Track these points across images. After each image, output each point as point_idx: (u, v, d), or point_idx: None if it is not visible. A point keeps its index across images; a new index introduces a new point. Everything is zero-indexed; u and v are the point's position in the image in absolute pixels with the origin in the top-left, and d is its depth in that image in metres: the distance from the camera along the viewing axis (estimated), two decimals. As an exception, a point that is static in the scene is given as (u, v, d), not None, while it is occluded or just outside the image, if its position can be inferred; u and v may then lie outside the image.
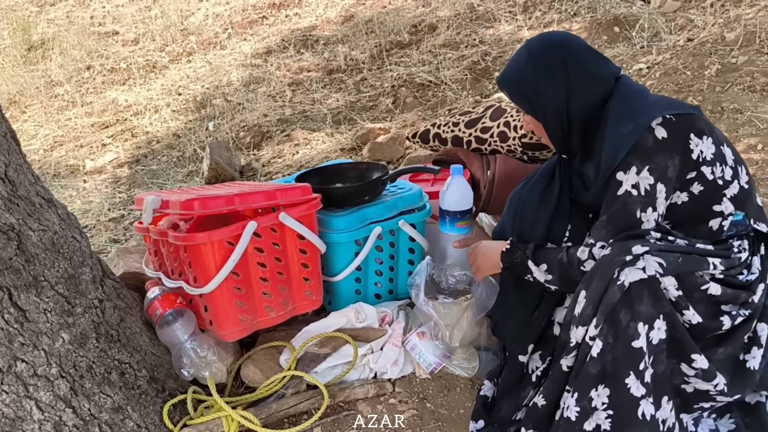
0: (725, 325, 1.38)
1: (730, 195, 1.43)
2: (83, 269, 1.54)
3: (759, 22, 3.50)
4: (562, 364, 1.41)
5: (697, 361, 1.34)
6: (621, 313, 1.30)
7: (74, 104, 5.22)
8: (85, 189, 3.89)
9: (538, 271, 1.50)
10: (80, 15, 6.95)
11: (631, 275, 1.30)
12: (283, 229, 1.67)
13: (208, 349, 1.68)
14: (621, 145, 1.37)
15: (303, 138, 3.82)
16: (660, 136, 1.35)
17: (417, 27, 4.86)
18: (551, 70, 1.45)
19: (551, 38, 1.52)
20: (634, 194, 1.36)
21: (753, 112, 2.79)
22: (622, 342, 1.30)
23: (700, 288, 1.36)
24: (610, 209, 1.41)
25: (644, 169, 1.35)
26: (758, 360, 1.42)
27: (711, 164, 1.39)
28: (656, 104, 1.41)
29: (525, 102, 1.52)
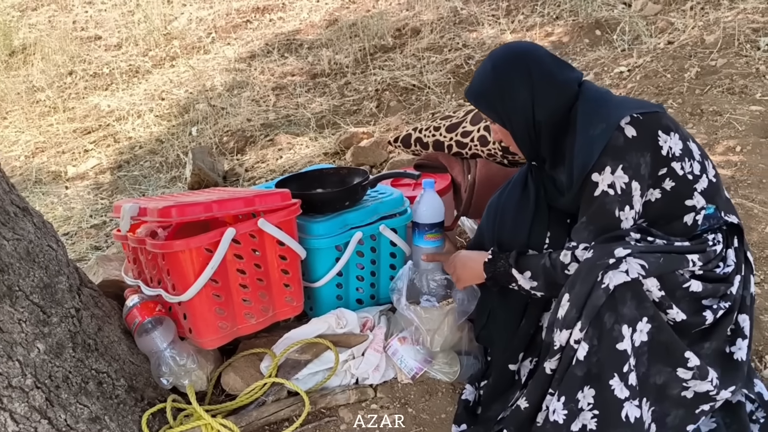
0: (708, 320, 1.40)
1: (700, 189, 1.46)
2: (59, 278, 1.52)
3: (738, 25, 3.54)
4: (545, 367, 1.42)
5: (691, 360, 1.35)
6: (605, 316, 1.31)
7: (56, 110, 5.17)
8: (66, 195, 3.85)
9: (522, 279, 1.51)
10: (62, 20, 6.89)
11: (615, 278, 1.31)
12: (263, 235, 1.67)
13: (187, 357, 1.66)
14: (593, 147, 1.38)
15: (287, 142, 3.81)
16: (630, 134, 1.37)
17: (401, 31, 4.87)
18: (515, 78, 1.47)
19: (513, 48, 1.53)
20: (611, 194, 1.37)
21: (732, 114, 2.82)
22: (606, 344, 1.31)
23: (682, 286, 1.38)
24: (588, 210, 1.41)
25: (618, 168, 1.36)
26: (744, 351, 1.44)
27: (680, 160, 1.42)
28: (622, 104, 1.43)
29: (492, 112, 1.54)
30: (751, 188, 2.36)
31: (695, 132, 2.75)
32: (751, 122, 2.75)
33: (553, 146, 1.50)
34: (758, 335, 1.78)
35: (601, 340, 1.31)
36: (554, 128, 1.48)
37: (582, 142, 1.41)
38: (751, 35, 3.46)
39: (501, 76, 1.49)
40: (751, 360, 1.71)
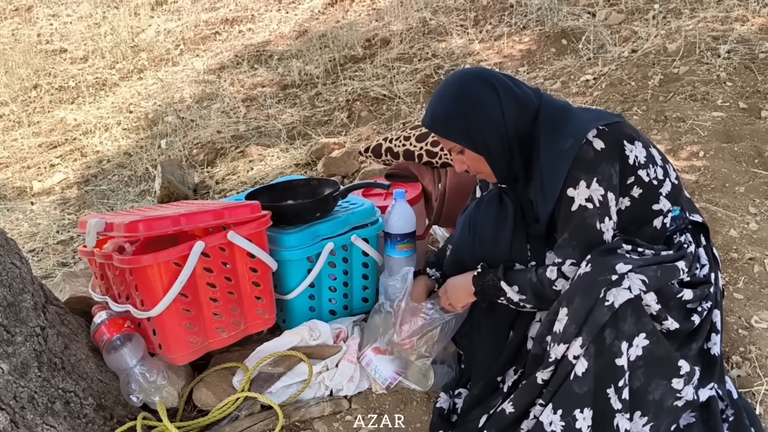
0: (696, 323, 1.45)
1: (665, 193, 1.50)
2: (24, 296, 1.48)
3: (698, 33, 3.63)
4: (537, 377, 1.43)
5: (683, 368, 1.39)
6: (606, 332, 1.32)
7: (20, 124, 5.08)
8: (32, 211, 3.78)
9: (511, 292, 1.51)
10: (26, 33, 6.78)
11: (620, 296, 1.31)
12: (233, 247, 1.65)
13: (157, 373, 1.64)
14: (562, 161, 1.40)
15: (257, 154, 3.79)
16: (599, 147, 1.40)
17: (370, 41, 4.89)
18: (485, 98, 1.46)
19: (471, 71, 1.52)
20: (590, 207, 1.39)
21: (695, 121, 2.88)
22: (605, 359, 1.33)
23: (675, 296, 1.41)
24: (569, 227, 1.42)
25: (593, 182, 1.38)
26: (718, 345, 1.49)
27: (645, 167, 1.46)
28: (584, 116, 1.46)
29: (464, 139, 1.49)
30: (715, 192, 2.41)
31: (660, 138, 2.80)
32: (713, 128, 2.82)
33: (523, 162, 1.51)
34: (724, 336, 1.81)
35: (600, 354, 1.33)
36: (521, 144, 1.49)
37: (551, 157, 1.42)
38: (711, 43, 3.55)
39: (471, 99, 1.46)
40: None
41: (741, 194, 2.39)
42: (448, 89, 1.50)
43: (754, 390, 1.66)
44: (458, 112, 1.47)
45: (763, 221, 2.25)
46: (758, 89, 3.11)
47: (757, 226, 2.22)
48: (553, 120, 1.46)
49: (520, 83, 1.52)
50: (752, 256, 2.07)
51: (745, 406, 1.56)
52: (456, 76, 1.52)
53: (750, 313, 1.87)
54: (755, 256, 2.08)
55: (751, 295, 1.94)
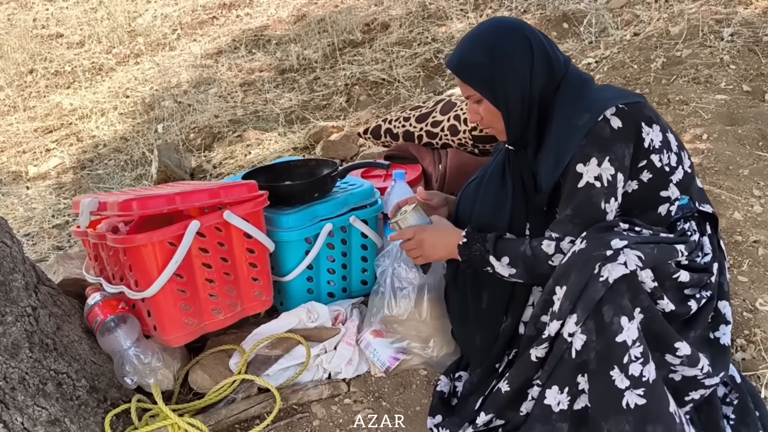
0: (693, 309, 1.41)
1: (675, 180, 1.45)
2: (14, 276, 1.45)
3: (701, 16, 3.58)
4: (531, 353, 1.40)
5: (680, 349, 1.35)
6: (604, 309, 1.28)
7: (16, 109, 5.02)
8: (28, 196, 3.73)
9: (499, 266, 1.45)
10: (22, 17, 6.71)
11: (615, 271, 1.28)
12: (229, 228, 1.62)
13: (152, 355, 1.61)
14: (575, 134, 1.36)
15: (255, 138, 3.74)
16: (615, 125, 1.35)
17: (370, 26, 4.83)
18: (518, 52, 1.41)
19: (510, 21, 1.47)
20: (598, 186, 1.35)
21: (698, 103, 2.84)
22: (605, 337, 1.28)
23: (671, 276, 1.38)
24: (573, 202, 1.38)
25: (605, 160, 1.34)
26: (728, 336, 1.46)
27: (659, 152, 1.41)
28: (605, 93, 1.41)
29: (488, 87, 1.44)
30: (718, 175, 2.38)
31: (663, 121, 2.77)
32: (717, 110, 2.78)
33: (537, 128, 1.46)
34: (729, 319, 1.79)
35: (600, 333, 1.29)
36: (540, 108, 1.44)
37: (564, 128, 1.39)
38: (714, 26, 3.50)
39: (504, 51, 1.41)
40: (723, 343, 1.72)
41: (745, 177, 2.36)
42: (482, 35, 1.44)
43: (759, 373, 1.63)
44: (487, 62, 1.42)
45: (767, 204, 2.22)
46: (762, 72, 3.07)
47: (761, 209, 2.19)
48: (574, 92, 1.41)
49: (554, 46, 1.46)
50: (756, 239, 2.04)
51: (749, 389, 1.53)
52: (493, 24, 1.46)
53: (755, 296, 1.85)
54: (760, 238, 2.05)
55: (756, 278, 1.91)
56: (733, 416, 1.48)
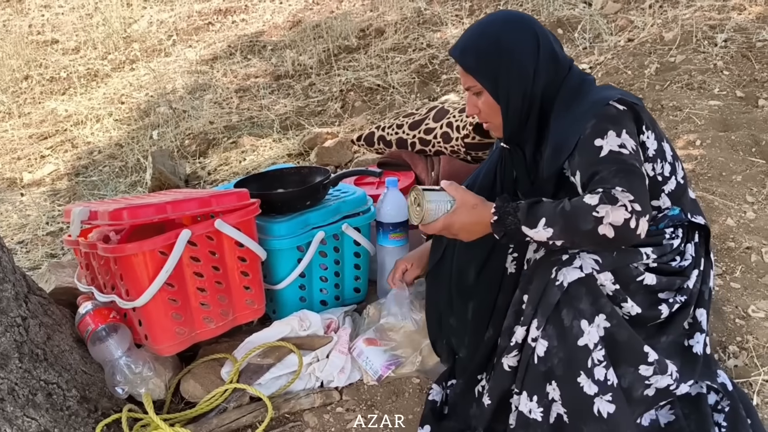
0: (664, 314, 1.39)
1: (668, 191, 1.45)
2: (4, 285, 1.45)
3: (695, 22, 3.59)
4: (503, 363, 1.40)
5: (650, 354, 1.32)
6: (563, 313, 1.28)
7: (11, 115, 5.01)
8: (22, 203, 3.73)
9: (535, 232, 1.27)
10: (18, 23, 6.70)
11: (569, 275, 1.28)
12: (220, 236, 1.62)
13: (143, 364, 1.60)
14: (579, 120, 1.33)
15: (250, 144, 3.74)
16: (621, 108, 1.33)
17: (365, 31, 4.84)
18: (524, 48, 1.38)
19: (519, 15, 1.45)
20: (626, 152, 1.26)
21: (691, 109, 2.85)
22: (567, 342, 1.28)
23: (636, 279, 1.36)
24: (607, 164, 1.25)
25: (623, 132, 1.28)
26: (701, 344, 1.44)
27: (653, 161, 1.40)
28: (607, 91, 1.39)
29: (490, 80, 1.41)
30: (712, 181, 2.38)
31: (656, 127, 2.77)
32: (710, 116, 2.78)
33: (537, 126, 1.44)
34: (721, 326, 1.79)
35: (561, 338, 1.28)
36: (542, 106, 1.42)
37: (566, 119, 1.37)
38: (708, 32, 3.51)
39: (510, 45, 1.38)
40: (714, 351, 1.72)
41: (738, 183, 2.36)
42: (490, 26, 1.42)
43: (752, 380, 1.63)
44: (493, 54, 1.39)
45: (760, 210, 2.22)
46: (755, 78, 3.07)
47: (754, 215, 2.19)
48: (576, 90, 1.39)
49: (560, 45, 1.45)
50: (749, 245, 2.05)
51: (741, 397, 1.53)
52: (502, 16, 1.44)
53: (747, 303, 1.85)
54: (752, 245, 2.05)
55: (749, 285, 1.91)
56: (725, 424, 1.47)
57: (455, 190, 1.41)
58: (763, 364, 1.67)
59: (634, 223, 1.19)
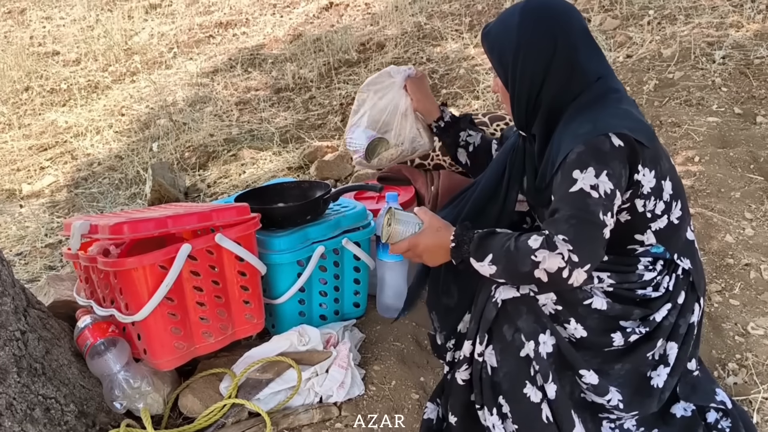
0: (615, 341, 1.38)
1: (655, 228, 1.42)
2: (3, 299, 1.44)
3: (693, 39, 3.62)
4: (456, 377, 1.44)
5: (585, 377, 1.36)
6: (504, 328, 1.34)
7: (11, 126, 5.02)
8: (21, 214, 3.72)
9: (481, 266, 1.33)
10: (19, 35, 6.73)
11: (504, 293, 1.34)
12: (221, 250, 1.62)
13: (141, 379, 1.60)
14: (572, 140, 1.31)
15: (250, 157, 3.75)
16: (616, 144, 1.29)
17: (365, 45, 4.87)
18: (537, 46, 1.36)
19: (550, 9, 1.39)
20: (595, 196, 1.26)
21: (690, 126, 2.86)
22: (510, 355, 1.33)
23: (582, 302, 1.36)
24: (567, 205, 1.28)
25: (603, 174, 1.27)
26: (663, 378, 1.41)
27: (645, 198, 1.37)
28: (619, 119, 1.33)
29: (501, 67, 1.44)
30: (710, 197, 2.39)
31: (655, 143, 2.78)
32: (709, 133, 2.80)
33: (544, 131, 1.43)
34: (720, 343, 1.79)
35: (504, 352, 1.34)
36: (552, 111, 1.40)
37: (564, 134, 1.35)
38: (706, 48, 3.53)
39: (524, 38, 1.37)
40: (714, 368, 1.72)
41: (737, 200, 2.37)
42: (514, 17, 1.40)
43: (751, 398, 1.63)
44: (507, 45, 1.40)
45: (759, 227, 2.23)
46: (753, 95, 3.09)
47: (753, 232, 2.20)
48: (592, 102, 1.36)
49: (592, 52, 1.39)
50: (748, 262, 2.05)
51: (741, 414, 1.53)
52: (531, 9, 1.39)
53: (746, 320, 1.85)
54: (751, 261, 2.05)
55: (748, 302, 1.92)
56: (725, 442, 1.47)
57: (424, 213, 1.47)
58: (763, 381, 1.67)
59: (567, 273, 1.24)
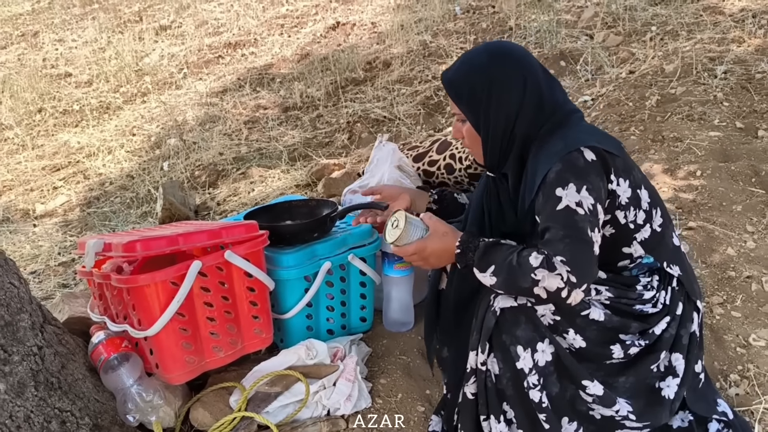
0: (615, 353, 1.41)
1: (640, 239, 1.45)
2: (21, 316, 1.50)
3: (695, 55, 3.66)
4: (466, 392, 1.47)
5: (589, 387, 1.38)
6: (503, 337, 1.37)
7: (25, 147, 5.12)
8: (34, 233, 3.79)
9: (483, 277, 1.38)
10: (32, 57, 6.87)
11: (502, 302, 1.37)
12: (230, 267, 1.66)
13: (154, 393, 1.64)
14: (548, 159, 1.35)
15: (259, 175, 3.81)
16: (589, 158, 1.34)
17: (371, 64, 4.94)
18: (510, 84, 1.40)
19: (513, 50, 1.45)
20: (581, 213, 1.30)
21: (692, 140, 2.90)
22: (509, 365, 1.37)
23: (580, 313, 1.39)
24: (558, 224, 1.31)
25: (583, 188, 1.31)
26: (673, 389, 1.44)
27: (625, 208, 1.41)
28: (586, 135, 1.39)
29: (471, 110, 1.45)
30: (712, 211, 2.42)
31: (657, 158, 2.82)
32: (710, 147, 2.83)
33: (518, 165, 1.46)
34: (722, 355, 1.81)
35: (505, 361, 1.38)
36: (524, 146, 1.44)
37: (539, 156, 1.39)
38: (708, 64, 3.58)
39: (498, 81, 1.40)
40: (716, 379, 1.74)
41: (738, 213, 2.40)
42: (482, 60, 1.43)
43: (753, 408, 1.65)
44: (479, 90, 1.42)
45: (760, 239, 2.25)
46: (755, 109, 3.13)
47: (754, 245, 2.22)
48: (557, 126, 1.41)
49: (553, 85, 1.46)
50: (750, 275, 2.07)
51: (743, 425, 1.55)
52: (495, 50, 1.45)
53: (748, 332, 1.87)
54: (753, 274, 2.08)
55: (749, 314, 1.94)
56: (727, 452, 1.49)
57: (429, 218, 1.52)
58: (764, 392, 1.69)
59: (566, 293, 1.28)
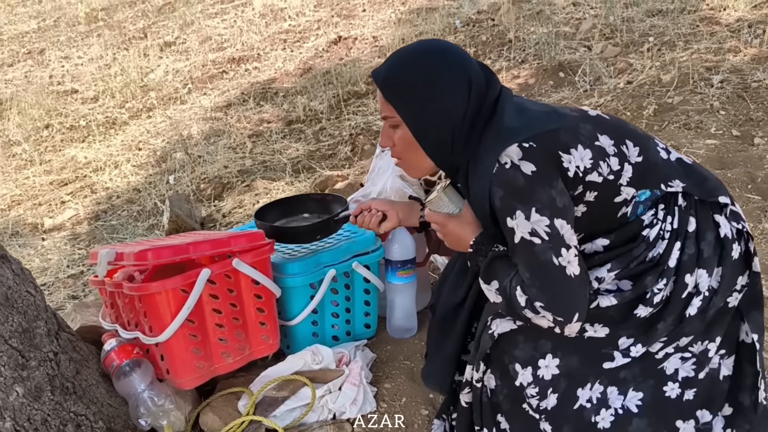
0: (641, 314, 1.32)
1: (625, 181, 1.31)
2: (38, 323, 1.55)
3: (692, 64, 3.73)
4: (461, 399, 1.51)
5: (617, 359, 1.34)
6: (503, 356, 1.40)
7: (32, 163, 5.20)
8: (43, 247, 3.86)
9: (488, 290, 1.35)
10: (39, 75, 6.98)
11: (501, 326, 1.39)
12: (238, 275, 1.71)
13: (165, 397, 1.68)
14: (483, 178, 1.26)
15: (263, 188, 3.87)
16: (528, 171, 1.20)
17: (373, 77, 5.02)
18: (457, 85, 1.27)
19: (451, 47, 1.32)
20: (538, 242, 1.21)
21: (689, 148, 2.95)
22: (507, 382, 1.40)
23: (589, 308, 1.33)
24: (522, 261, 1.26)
25: (532, 212, 1.20)
26: (696, 307, 1.32)
27: (594, 168, 1.27)
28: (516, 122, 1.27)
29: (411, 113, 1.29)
30: (709, 217, 2.46)
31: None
32: (707, 155, 2.88)
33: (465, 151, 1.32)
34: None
35: (503, 378, 1.41)
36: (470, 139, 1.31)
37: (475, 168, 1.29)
38: (704, 73, 3.64)
39: (442, 78, 1.26)
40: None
41: (734, 219, 2.44)
42: (420, 57, 1.29)
43: None
44: (420, 90, 1.27)
45: (758, 245, 2.29)
46: (751, 117, 3.18)
47: (750, 250, 2.26)
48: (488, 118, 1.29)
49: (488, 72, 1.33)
50: (746, 279, 2.11)
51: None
52: (433, 47, 1.30)
53: (744, 334, 1.90)
54: (749, 278, 2.11)
55: (745, 316, 1.97)
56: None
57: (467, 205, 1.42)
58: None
59: (559, 330, 1.29)
